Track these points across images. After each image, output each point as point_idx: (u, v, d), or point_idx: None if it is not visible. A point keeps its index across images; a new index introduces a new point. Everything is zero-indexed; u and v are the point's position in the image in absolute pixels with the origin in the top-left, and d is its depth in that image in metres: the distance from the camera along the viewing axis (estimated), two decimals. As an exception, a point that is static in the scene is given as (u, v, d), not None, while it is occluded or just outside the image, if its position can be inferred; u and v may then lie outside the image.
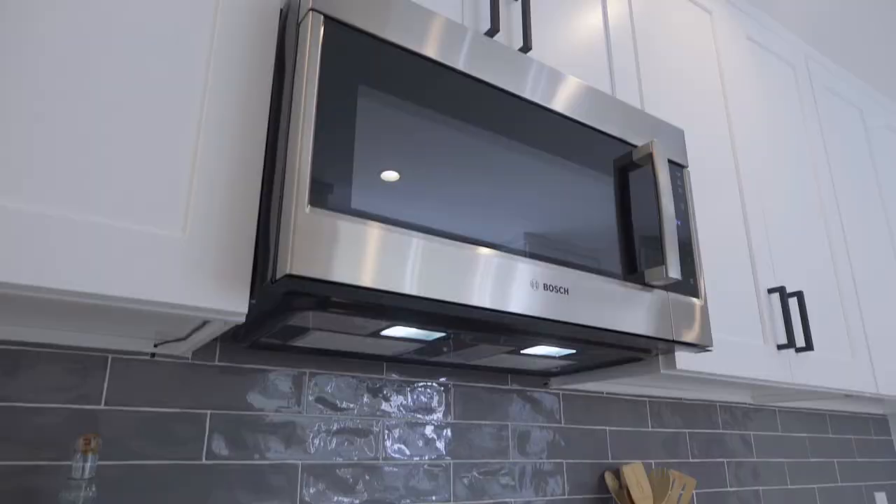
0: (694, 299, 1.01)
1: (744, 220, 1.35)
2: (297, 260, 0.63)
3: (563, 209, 0.89)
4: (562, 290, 0.84)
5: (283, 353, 1.01)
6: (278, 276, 0.64)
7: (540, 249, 0.84)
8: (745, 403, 1.71)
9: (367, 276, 0.68)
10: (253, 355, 0.99)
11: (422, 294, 0.71)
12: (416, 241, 0.72)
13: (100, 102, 0.65)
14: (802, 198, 1.56)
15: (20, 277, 0.57)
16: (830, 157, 1.71)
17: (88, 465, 0.74)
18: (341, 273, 0.66)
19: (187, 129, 0.70)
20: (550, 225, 0.87)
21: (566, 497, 1.28)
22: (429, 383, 1.16)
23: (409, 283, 0.71)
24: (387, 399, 1.10)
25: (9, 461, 0.78)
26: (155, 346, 0.91)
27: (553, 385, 1.31)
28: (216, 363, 0.95)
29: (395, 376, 1.12)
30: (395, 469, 1.08)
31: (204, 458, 0.91)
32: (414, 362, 1.11)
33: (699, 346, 1.01)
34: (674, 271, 0.92)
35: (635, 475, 1.29)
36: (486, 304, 0.76)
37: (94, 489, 0.74)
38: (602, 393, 1.41)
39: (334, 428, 1.03)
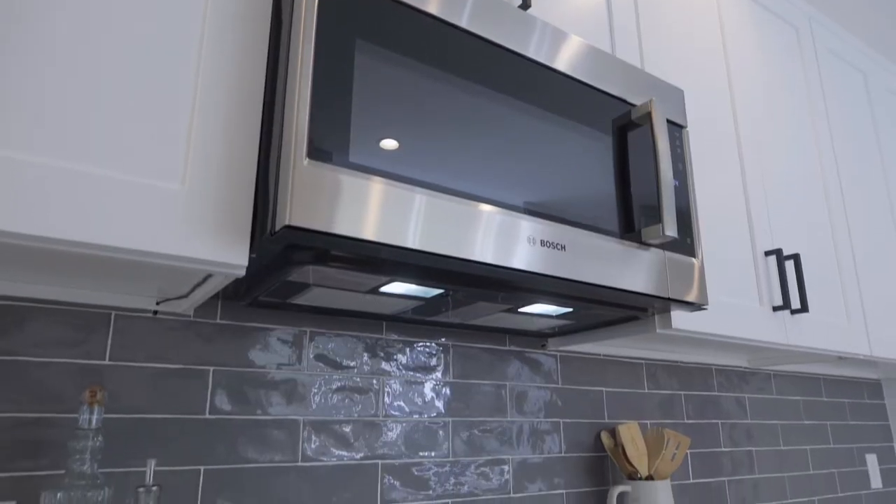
0: (690, 258, 1.02)
1: (742, 182, 1.35)
2: (296, 211, 0.64)
3: (561, 168, 0.89)
4: (559, 247, 0.85)
5: (284, 312, 1.03)
6: (277, 227, 0.65)
7: (537, 207, 0.85)
8: (741, 367, 1.73)
9: (369, 229, 0.68)
10: (254, 314, 1.00)
11: (424, 248, 0.72)
12: (418, 196, 0.73)
13: (98, 54, 0.65)
14: (802, 161, 1.56)
15: (21, 226, 0.57)
16: (832, 120, 1.70)
17: (95, 416, 0.76)
18: (342, 226, 0.67)
19: (185, 81, 0.70)
20: (549, 183, 0.87)
21: (563, 455, 1.30)
22: (428, 343, 1.18)
23: (413, 238, 0.72)
24: (386, 358, 1.12)
25: (17, 413, 0.80)
26: (157, 303, 0.92)
27: (551, 346, 1.33)
28: (217, 321, 0.97)
29: (394, 336, 1.14)
30: (394, 426, 1.10)
31: (207, 413, 0.93)
32: (413, 322, 1.12)
33: (695, 305, 1.02)
34: (670, 229, 0.92)
35: (631, 434, 1.31)
36: (485, 259, 0.77)
37: (100, 439, 0.76)
38: (599, 355, 1.43)
39: (335, 385, 1.05)
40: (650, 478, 1.29)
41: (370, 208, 0.69)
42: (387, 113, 0.73)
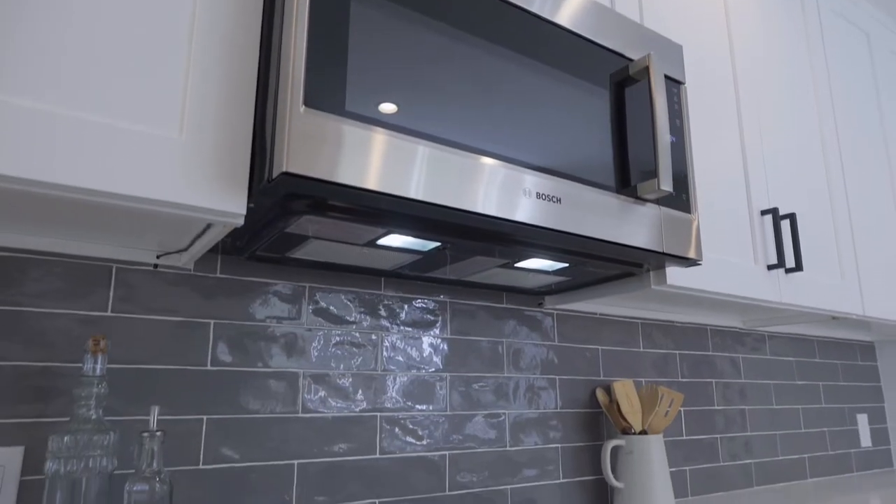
0: (686, 214, 1.03)
1: (740, 140, 1.35)
2: (293, 158, 0.64)
3: (559, 123, 0.89)
4: (554, 200, 0.85)
5: (283, 267, 1.04)
6: (275, 174, 0.65)
7: (534, 160, 0.85)
8: (736, 328, 1.75)
9: (371, 179, 0.69)
10: (253, 268, 1.01)
11: (427, 199, 0.73)
12: (420, 147, 0.73)
13: (96, 1, 0.65)
14: (801, 121, 1.55)
15: (22, 171, 0.58)
16: (833, 80, 1.69)
17: (98, 364, 0.78)
18: (344, 175, 0.67)
19: (180, 29, 0.69)
20: (546, 138, 0.87)
21: (558, 410, 1.33)
22: (426, 300, 1.19)
23: (416, 189, 0.72)
24: (385, 314, 1.14)
25: (23, 361, 0.82)
26: (157, 257, 0.93)
27: (547, 304, 1.35)
28: (217, 275, 0.98)
29: (392, 292, 1.15)
30: (392, 379, 1.12)
31: (209, 365, 0.95)
32: (410, 278, 1.13)
33: (690, 261, 1.03)
34: (665, 184, 0.93)
35: (625, 390, 1.34)
36: (482, 210, 0.78)
37: (105, 386, 0.78)
38: (595, 314, 1.45)
39: (334, 339, 1.07)
40: (644, 433, 1.31)
41: (372, 158, 0.70)
42: (384, 63, 0.73)
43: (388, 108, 0.73)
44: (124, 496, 0.75)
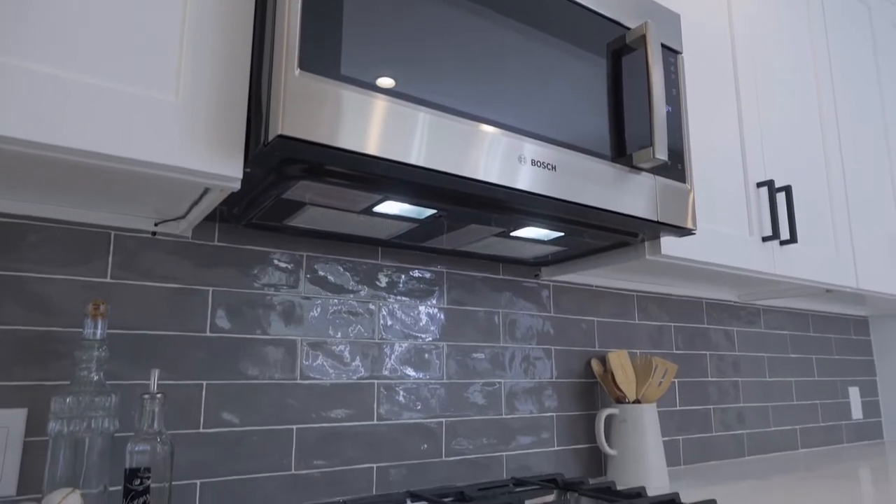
0: (681, 184, 1.03)
1: (737, 112, 1.35)
2: (289, 121, 0.65)
3: (555, 91, 0.89)
4: (549, 167, 0.86)
5: (280, 235, 1.05)
6: (270, 137, 0.66)
7: (528, 126, 0.85)
8: (731, 301, 1.77)
9: (371, 144, 0.70)
10: (251, 237, 1.02)
11: (428, 166, 0.74)
12: (418, 112, 0.74)
13: (83, -39, 0.64)
14: (799, 93, 1.55)
15: (19, 132, 0.58)
16: (832, 53, 1.68)
17: (99, 328, 0.79)
18: (343, 139, 0.68)
19: (173, -8, 0.69)
20: (542, 105, 0.87)
21: (553, 380, 1.35)
22: (423, 270, 1.20)
23: (417, 155, 0.73)
24: (382, 283, 1.15)
25: (25, 326, 0.83)
26: (155, 224, 0.94)
27: (544, 276, 1.36)
28: (215, 243, 0.99)
29: (389, 262, 1.16)
30: (390, 348, 1.14)
31: (208, 331, 0.96)
32: (407, 247, 1.14)
33: (684, 230, 1.04)
34: (660, 152, 0.93)
35: (620, 361, 1.36)
36: (475, 175, 0.78)
37: (105, 349, 0.80)
38: (591, 286, 1.46)
39: (331, 308, 1.08)
40: (637, 402, 1.33)
41: (372, 124, 0.70)
42: (381, 28, 0.73)
43: (384, 73, 0.73)
44: (126, 456, 0.77)
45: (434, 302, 1.21)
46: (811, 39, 1.63)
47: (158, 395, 0.80)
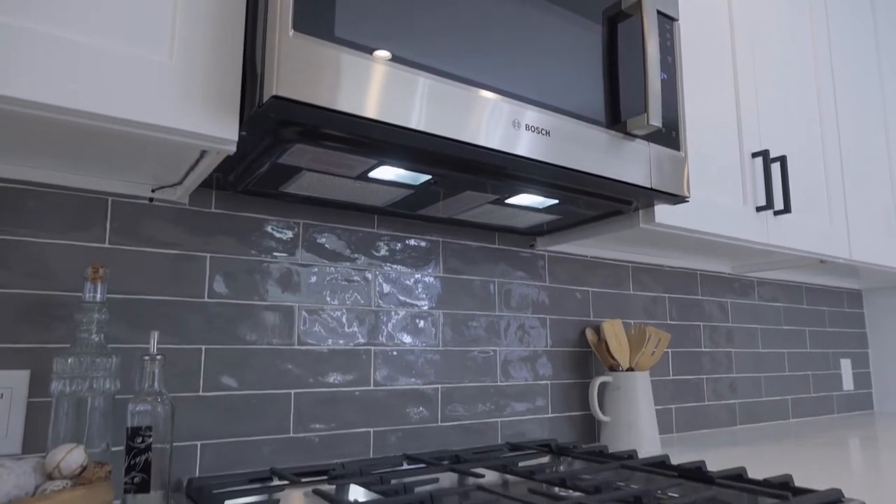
0: (675, 152, 1.04)
1: (734, 81, 1.35)
2: (283, 82, 0.65)
3: (550, 56, 0.89)
4: (543, 132, 0.86)
5: (277, 202, 1.05)
6: (265, 98, 0.66)
7: (522, 91, 0.85)
8: (725, 273, 1.78)
9: (369, 107, 0.70)
10: (248, 204, 1.03)
11: (427, 130, 0.74)
12: (417, 77, 0.74)
13: (75, -80, 0.64)
14: (797, 64, 1.54)
15: (15, 91, 0.59)
16: (831, 24, 1.67)
17: (98, 291, 0.80)
18: (341, 102, 0.68)
19: (166, -47, 0.69)
20: (536, 70, 0.87)
21: (548, 349, 1.37)
22: (419, 239, 1.21)
23: (417, 119, 0.73)
24: (379, 252, 1.16)
25: (25, 290, 0.84)
26: (153, 190, 0.95)
27: (539, 246, 1.37)
28: (212, 210, 1.00)
29: (385, 231, 1.17)
30: (386, 316, 1.15)
31: (206, 297, 0.97)
32: (403, 216, 1.15)
33: (678, 198, 1.05)
34: (655, 119, 0.94)
35: (614, 330, 1.37)
36: (473, 140, 0.79)
37: (105, 312, 0.81)
38: (586, 256, 1.47)
39: (328, 276, 1.09)
40: (631, 370, 1.36)
41: (371, 87, 0.71)
42: (372, -11, 0.73)
43: (381, 37, 0.73)
44: (127, 416, 0.79)
45: (430, 270, 1.22)
46: (810, 10, 1.62)
47: (158, 357, 0.81)
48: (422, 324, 1.19)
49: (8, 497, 0.62)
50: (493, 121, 0.81)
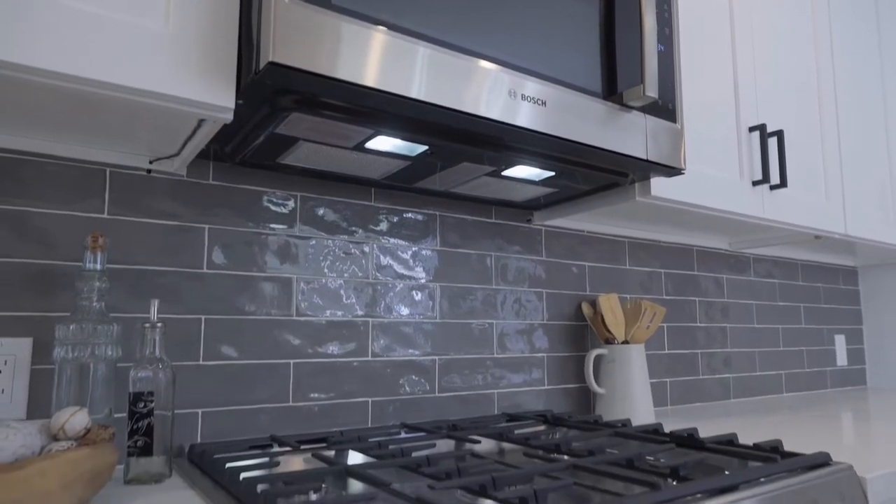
0: (671, 124, 1.04)
1: (732, 56, 1.35)
2: (279, 48, 0.65)
3: (547, 26, 0.89)
4: (539, 102, 0.87)
5: (274, 175, 1.06)
6: (261, 65, 0.66)
7: (519, 61, 0.85)
8: (722, 249, 1.79)
9: (369, 76, 0.71)
10: (245, 176, 1.03)
11: (428, 99, 0.75)
12: (417, 46, 0.74)
13: None
14: (796, 38, 1.54)
15: (13, 56, 0.59)
16: (831, 1, 1.66)
17: (98, 259, 0.81)
18: (341, 70, 0.69)
19: (161, -82, 0.69)
20: (533, 40, 0.87)
21: (545, 322, 1.38)
22: (416, 213, 1.22)
23: (417, 88, 0.74)
24: (376, 225, 1.17)
25: (26, 259, 0.85)
26: (150, 162, 0.95)
27: (536, 220, 1.38)
28: (210, 182, 1.00)
29: (383, 204, 1.17)
30: (383, 288, 1.16)
31: (205, 268, 0.98)
32: (400, 189, 1.16)
33: (673, 170, 1.05)
34: (651, 90, 0.94)
35: (610, 304, 1.39)
36: (470, 110, 0.79)
37: (106, 281, 0.82)
38: (583, 231, 1.48)
39: (326, 248, 1.10)
40: (626, 343, 1.37)
41: (370, 56, 0.71)
42: (367, -44, 0.73)
43: (379, 5, 0.73)
44: (129, 382, 0.80)
45: (427, 244, 1.23)
46: (810, -17, 1.61)
47: (159, 324, 0.82)
48: (419, 296, 1.20)
49: (15, 456, 0.63)
50: (491, 91, 0.82)
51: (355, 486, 0.76)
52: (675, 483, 0.68)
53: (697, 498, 0.66)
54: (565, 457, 0.86)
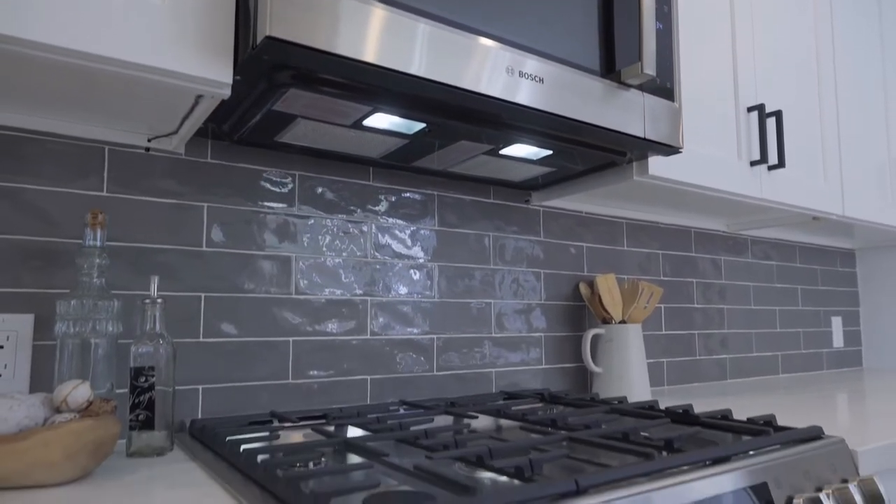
0: (669, 102, 1.04)
1: (731, 36, 1.34)
2: (276, 23, 0.65)
3: (546, 4, 0.89)
4: (537, 79, 0.87)
5: (273, 153, 1.06)
6: (259, 40, 0.66)
7: (516, 38, 0.85)
8: (720, 231, 1.80)
9: (368, 51, 0.71)
10: (244, 155, 1.03)
11: (427, 76, 0.75)
12: (417, 22, 0.74)
13: None
14: (796, 18, 1.53)
15: (13, 30, 0.59)
16: (831, -22, 1.65)
17: (98, 236, 0.82)
18: (340, 45, 0.69)
19: None
20: (530, 17, 0.87)
21: (542, 302, 1.39)
22: (415, 193, 1.22)
23: (417, 65, 0.74)
24: (375, 204, 1.17)
25: (26, 236, 0.86)
26: (148, 140, 0.95)
27: (534, 201, 1.38)
28: (209, 160, 1.00)
29: (381, 184, 1.18)
30: (382, 267, 1.17)
31: (204, 246, 0.99)
32: (398, 168, 1.16)
33: (671, 148, 1.06)
34: (649, 67, 0.94)
35: (608, 284, 1.40)
36: (469, 86, 0.79)
37: (106, 257, 0.82)
38: (581, 212, 1.49)
39: (324, 227, 1.11)
40: (623, 323, 1.38)
41: (370, 32, 0.71)
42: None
43: (370, -23, 0.73)
44: (130, 357, 0.81)
45: (426, 223, 1.23)
46: (811, -37, 1.60)
47: (159, 300, 0.83)
48: (417, 276, 1.21)
49: (19, 426, 0.64)
50: (489, 68, 0.82)
51: (354, 459, 0.77)
52: (668, 455, 0.69)
53: (690, 468, 0.67)
54: (562, 432, 0.87)
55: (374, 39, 0.72)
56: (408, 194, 1.21)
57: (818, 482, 0.77)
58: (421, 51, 0.76)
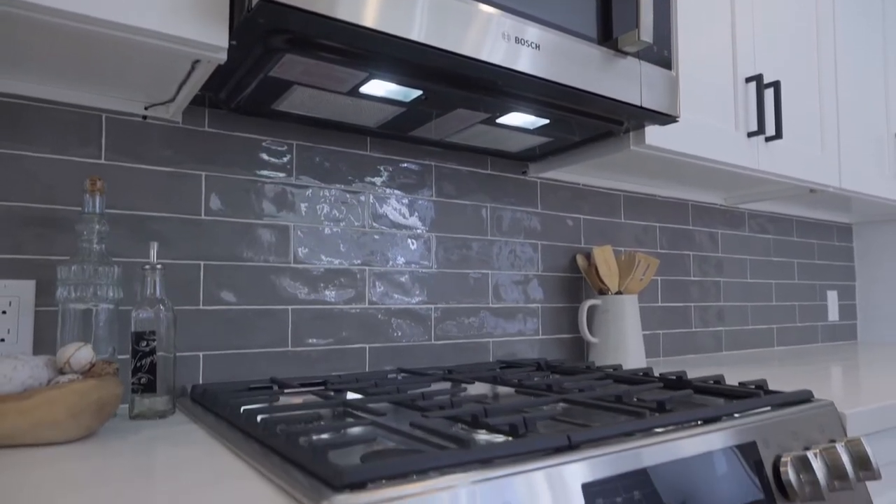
0: (666, 70, 1.04)
1: (731, 5, 1.33)
2: (271, -15, 0.65)
3: (539, -34, 0.89)
4: (533, 46, 0.87)
5: (270, 122, 1.06)
6: (254, 2, 0.66)
7: (515, 4, 0.85)
8: (717, 204, 1.80)
9: (367, 16, 0.70)
10: (241, 124, 1.04)
11: (428, 42, 0.75)
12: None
13: None
14: (796, -10, 1.52)
15: (3, -10, 0.59)
16: (833, -53, 1.63)
17: (97, 203, 0.82)
18: (340, 10, 0.68)
19: None
20: (526, -19, 0.87)
21: (539, 273, 1.40)
22: (412, 163, 1.22)
23: (418, 30, 0.74)
24: (372, 175, 1.17)
25: (26, 203, 0.86)
26: (145, 108, 0.95)
27: (531, 172, 1.38)
28: (206, 129, 1.01)
29: (379, 154, 1.18)
30: (380, 236, 1.18)
31: (203, 214, 1.00)
32: (395, 138, 1.16)
33: (667, 117, 1.06)
34: (645, 34, 0.93)
35: (604, 255, 1.41)
36: (472, 54, 0.79)
37: (105, 224, 0.83)
38: (578, 184, 1.49)
39: (322, 197, 1.11)
40: (619, 294, 1.39)
41: None
42: None
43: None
44: (131, 322, 0.82)
45: (423, 194, 1.24)
46: (813, -69, 1.58)
47: (158, 266, 0.84)
48: (415, 246, 1.22)
49: (23, 386, 0.66)
50: (489, 35, 0.82)
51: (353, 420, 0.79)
52: (659, 415, 0.70)
53: (680, 427, 0.69)
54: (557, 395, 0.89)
55: (374, 4, 0.72)
56: (405, 165, 1.22)
57: (806, 442, 0.78)
58: (421, 17, 0.76)
